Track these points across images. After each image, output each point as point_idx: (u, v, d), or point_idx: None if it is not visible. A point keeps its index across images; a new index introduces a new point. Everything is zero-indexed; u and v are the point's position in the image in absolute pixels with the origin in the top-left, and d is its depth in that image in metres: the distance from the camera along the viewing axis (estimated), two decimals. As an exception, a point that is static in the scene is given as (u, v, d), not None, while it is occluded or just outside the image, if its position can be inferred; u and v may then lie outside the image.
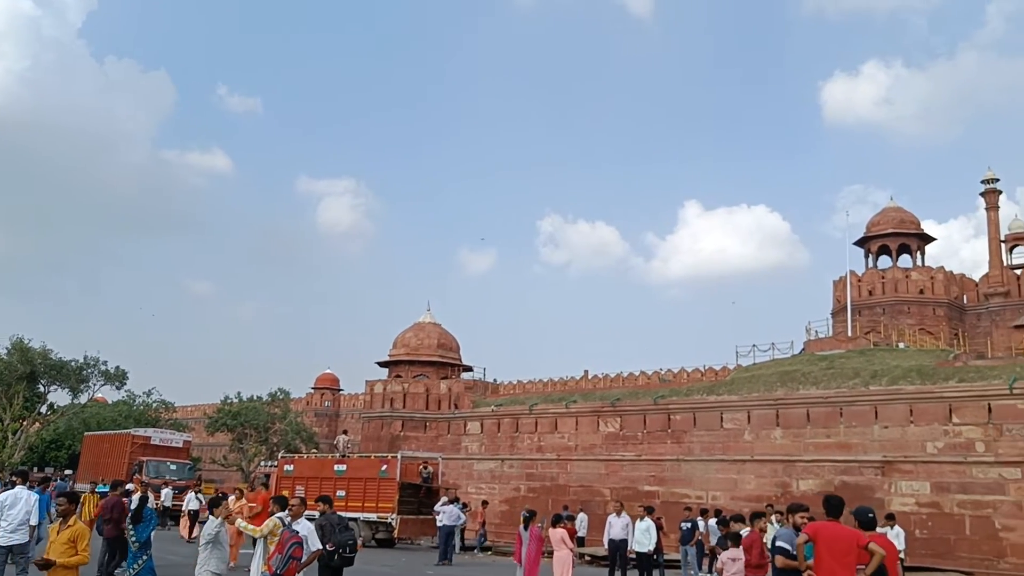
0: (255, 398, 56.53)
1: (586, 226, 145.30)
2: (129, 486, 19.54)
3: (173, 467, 34.52)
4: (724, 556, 12.06)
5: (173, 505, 30.15)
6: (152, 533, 12.85)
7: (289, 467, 30.51)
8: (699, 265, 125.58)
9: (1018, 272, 45.03)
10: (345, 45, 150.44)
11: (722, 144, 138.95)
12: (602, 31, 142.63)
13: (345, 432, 34.62)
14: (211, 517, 10.12)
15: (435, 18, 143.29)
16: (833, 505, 7.81)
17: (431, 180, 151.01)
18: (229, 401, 56.11)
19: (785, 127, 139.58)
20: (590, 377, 46.54)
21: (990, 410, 23.52)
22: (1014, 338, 41.01)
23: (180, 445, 38.53)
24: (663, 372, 43.67)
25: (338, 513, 11.97)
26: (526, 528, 14.52)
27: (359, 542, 11.59)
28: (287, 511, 10.01)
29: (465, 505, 29.52)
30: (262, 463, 50.89)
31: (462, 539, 28.43)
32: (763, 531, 11.70)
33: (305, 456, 36.14)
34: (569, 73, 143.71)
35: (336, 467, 28.88)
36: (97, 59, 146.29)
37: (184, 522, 25.14)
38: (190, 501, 24.99)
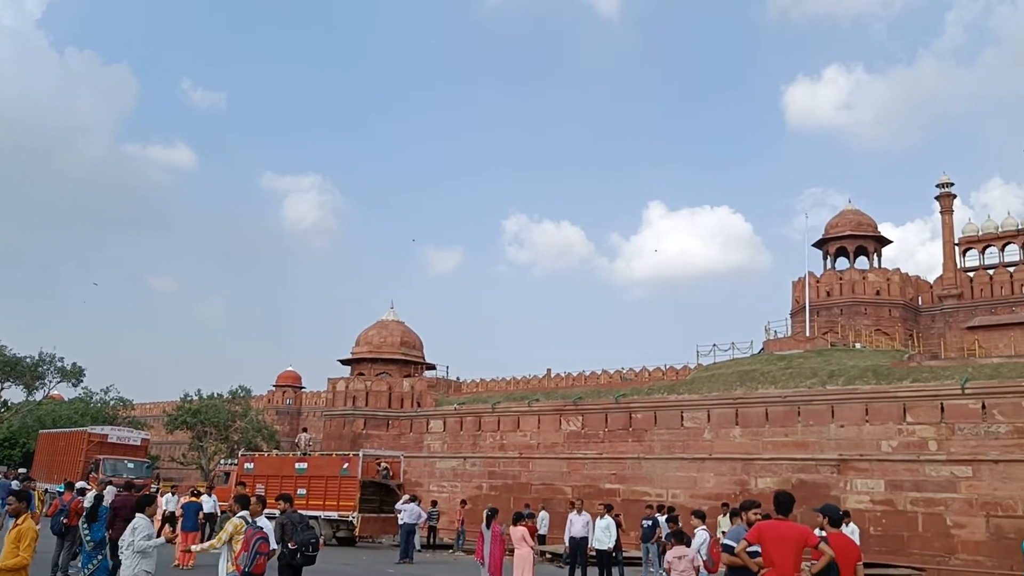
0: (216, 396, 56.00)
1: (551, 226, 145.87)
2: (80, 484, 19.25)
3: (131, 465, 34.07)
4: (669, 555, 12.14)
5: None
6: (107, 533, 12.70)
7: (249, 465, 30.23)
8: (663, 266, 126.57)
9: (971, 275, 46.06)
10: (311, 40, 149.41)
11: (686, 145, 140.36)
12: (570, 31, 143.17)
13: (306, 430, 34.41)
14: (139, 516, 9.71)
15: (402, 16, 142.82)
16: (782, 503, 7.73)
17: (398, 178, 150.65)
18: (189, 399, 55.51)
19: (748, 129, 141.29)
20: (552, 376, 46.72)
21: (943, 410, 24.03)
22: (966, 339, 41.99)
23: (138, 443, 38.08)
24: (625, 371, 43.99)
25: (299, 511, 11.93)
26: (488, 526, 14.56)
27: (320, 540, 11.55)
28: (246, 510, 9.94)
29: (434, 503, 29.63)
30: (222, 461, 50.36)
31: (435, 537, 28.50)
32: None
33: (266, 454, 35.85)
34: (536, 72, 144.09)
35: (297, 465, 28.68)
36: (57, 50, 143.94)
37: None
38: (168, 502, 24.07)
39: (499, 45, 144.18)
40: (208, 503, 24.73)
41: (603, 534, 17.70)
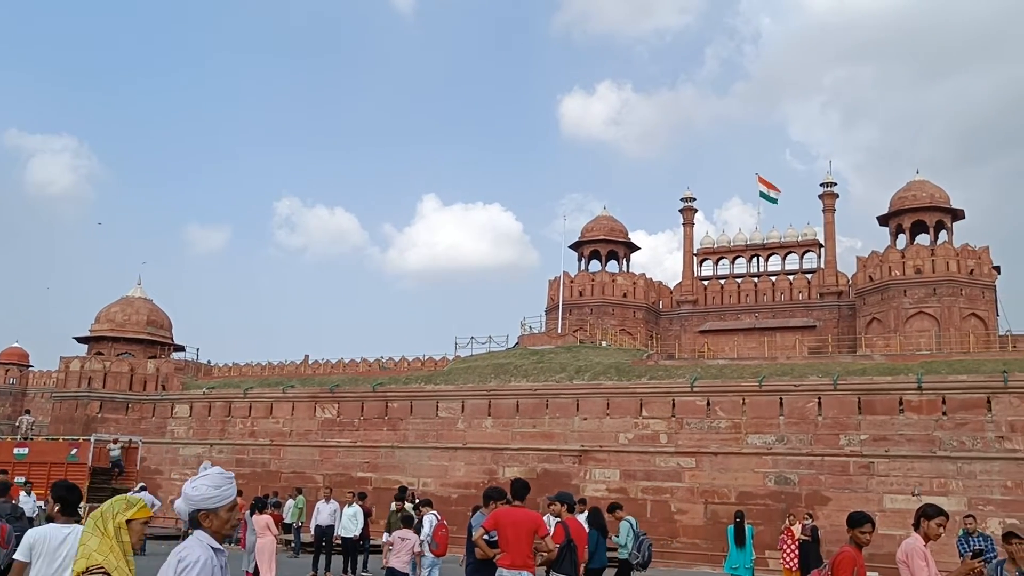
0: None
1: (325, 211, 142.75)
2: None
3: None
4: (394, 535, 12.58)
5: None
6: None
7: (-43, 451, 27.19)
8: (434, 258, 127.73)
9: (705, 283, 50.52)
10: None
11: (464, 142, 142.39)
12: (363, 18, 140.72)
13: (28, 412, 31.48)
14: None
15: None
16: (517, 490, 8.24)
17: (168, 150, 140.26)
18: None
19: (525, 132, 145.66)
20: (311, 363, 45.82)
21: (674, 405, 26.16)
22: (698, 342, 46.11)
23: None
24: (384, 360, 44.00)
25: (13, 502, 10.92)
26: (251, 515, 14.52)
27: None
28: None
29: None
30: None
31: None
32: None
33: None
34: (321, 55, 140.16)
35: (16, 450, 26.26)
36: None
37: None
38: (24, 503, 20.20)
39: (286, 22, 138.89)
40: None
41: (350, 522, 17.70)
